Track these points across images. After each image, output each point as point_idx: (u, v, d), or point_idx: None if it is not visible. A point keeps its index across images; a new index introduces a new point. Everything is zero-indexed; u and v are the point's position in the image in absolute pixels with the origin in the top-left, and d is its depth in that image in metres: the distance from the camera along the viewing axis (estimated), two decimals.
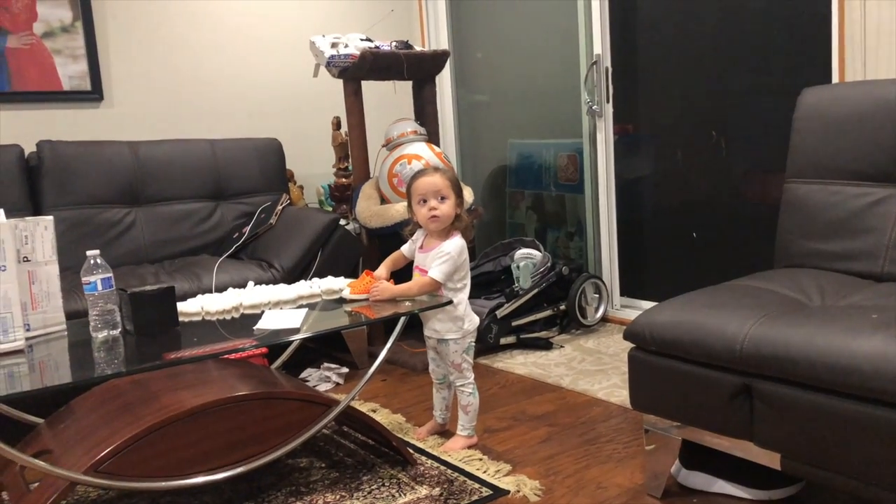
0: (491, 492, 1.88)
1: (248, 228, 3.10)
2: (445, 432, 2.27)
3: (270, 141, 3.45)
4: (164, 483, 1.68)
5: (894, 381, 1.33)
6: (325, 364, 2.92)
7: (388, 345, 1.97)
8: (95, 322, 1.83)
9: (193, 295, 2.20)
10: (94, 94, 3.28)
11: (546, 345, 3.10)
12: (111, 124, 3.31)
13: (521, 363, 2.93)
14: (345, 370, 2.89)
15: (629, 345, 1.79)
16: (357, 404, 2.52)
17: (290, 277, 2.73)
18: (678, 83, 3.16)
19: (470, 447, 2.15)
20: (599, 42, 3.32)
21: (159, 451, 1.68)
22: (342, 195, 3.50)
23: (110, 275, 1.85)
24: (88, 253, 1.84)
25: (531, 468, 2.02)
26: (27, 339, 1.83)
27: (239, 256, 3.02)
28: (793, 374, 1.48)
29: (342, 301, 2.10)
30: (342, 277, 2.26)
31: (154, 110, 3.43)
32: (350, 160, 3.31)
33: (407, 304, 2.03)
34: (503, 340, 3.08)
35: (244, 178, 3.32)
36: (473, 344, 2.16)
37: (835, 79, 2.47)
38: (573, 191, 3.64)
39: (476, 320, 2.16)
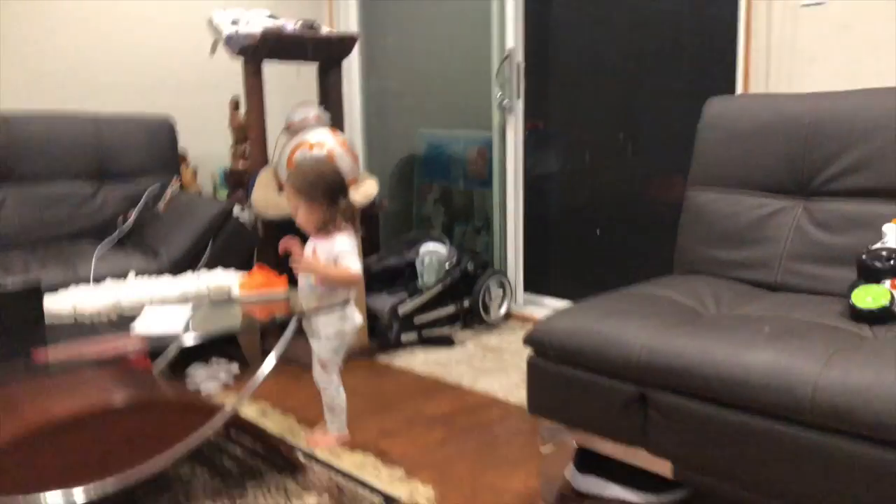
0: (382, 499, 1.81)
1: (133, 213, 2.89)
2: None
3: (162, 119, 3.22)
4: (21, 498, 1.52)
5: (783, 394, 1.36)
6: (214, 359, 2.76)
7: (279, 352, 1.86)
8: None
9: (66, 286, 2.01)
10: None
11: (448, 342, 3.05)
12: None
13: (422, 361, 2.86)
14: (235, 367, 2.74)
15: None
16: (246, 404, 2.39)
17: (177, 268, 2.54)
18: (589, 83, 3.16)
19: (343, 444, 2.10)
20: (513, 36, 3.28)
21: (20, 465, 1.52)
22: (238, 181, 3.32)
23: None
24: None
25: (426, 472, 1.96)
26: None
27: (122, 243, 2.81)
28: (686, 386, 1.49)
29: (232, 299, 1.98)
30: (233, 269, 2.13)
31: (30, 77, 3.12)
32: (248, 144, 3.14)
33: (302, 304, 1.93)
34: (404, 338, 3.01)
35: (131, 157, 3.08)
36: (345, 346, 2.09)
37: (739, 89, 2.51)
38: (482, 186, 3.60)
39: (357, 323, 2.09)
